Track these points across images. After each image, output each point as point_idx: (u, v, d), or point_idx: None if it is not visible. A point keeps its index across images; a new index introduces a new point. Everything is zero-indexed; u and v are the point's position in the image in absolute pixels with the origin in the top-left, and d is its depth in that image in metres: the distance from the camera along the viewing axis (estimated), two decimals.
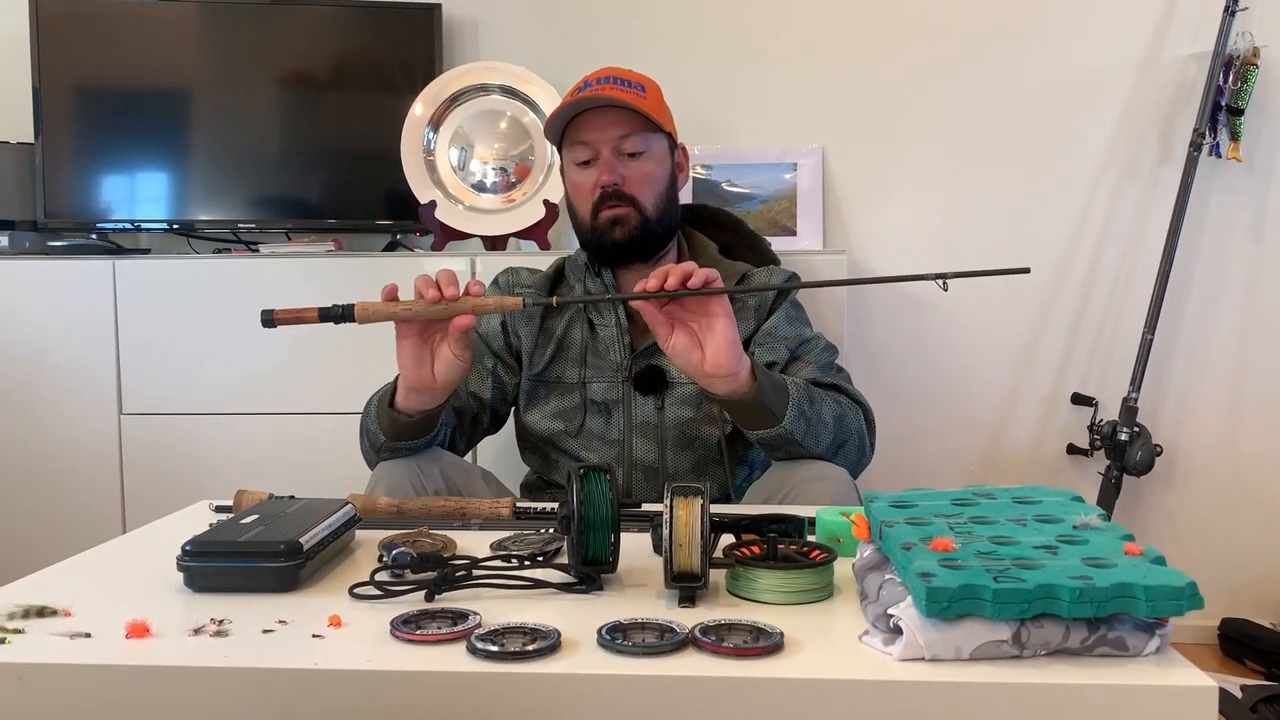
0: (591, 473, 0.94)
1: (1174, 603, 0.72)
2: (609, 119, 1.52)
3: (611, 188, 1.52)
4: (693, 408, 1.53)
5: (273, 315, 1.21)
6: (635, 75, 1.58)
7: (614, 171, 1.52)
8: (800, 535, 1.02)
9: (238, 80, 2.35)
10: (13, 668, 0.76)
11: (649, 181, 1.55)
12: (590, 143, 1.53)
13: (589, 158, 1.54)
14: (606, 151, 1.53)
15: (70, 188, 2.31)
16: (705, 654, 0.76)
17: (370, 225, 2.40)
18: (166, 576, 0.95)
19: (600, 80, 1.55)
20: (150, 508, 1.77)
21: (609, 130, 1.52)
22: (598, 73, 1.57)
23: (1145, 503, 2.45)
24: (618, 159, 1.53)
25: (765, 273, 1.63)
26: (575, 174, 1.57)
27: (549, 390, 1.58)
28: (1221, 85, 2.29)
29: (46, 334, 2.12)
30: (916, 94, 2.44)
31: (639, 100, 1.52)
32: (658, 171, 1.56)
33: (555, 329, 1.59)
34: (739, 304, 1.53)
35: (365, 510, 1.17)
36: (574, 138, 1.55)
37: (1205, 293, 2.41)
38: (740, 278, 1.58)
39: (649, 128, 1.54)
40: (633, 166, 1.54)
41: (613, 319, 1.57)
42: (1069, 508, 0.91)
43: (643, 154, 1.54)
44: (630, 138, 1.53)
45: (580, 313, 1.59)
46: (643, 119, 1.52)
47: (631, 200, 1.53)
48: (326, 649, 0.79)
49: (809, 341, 1.54)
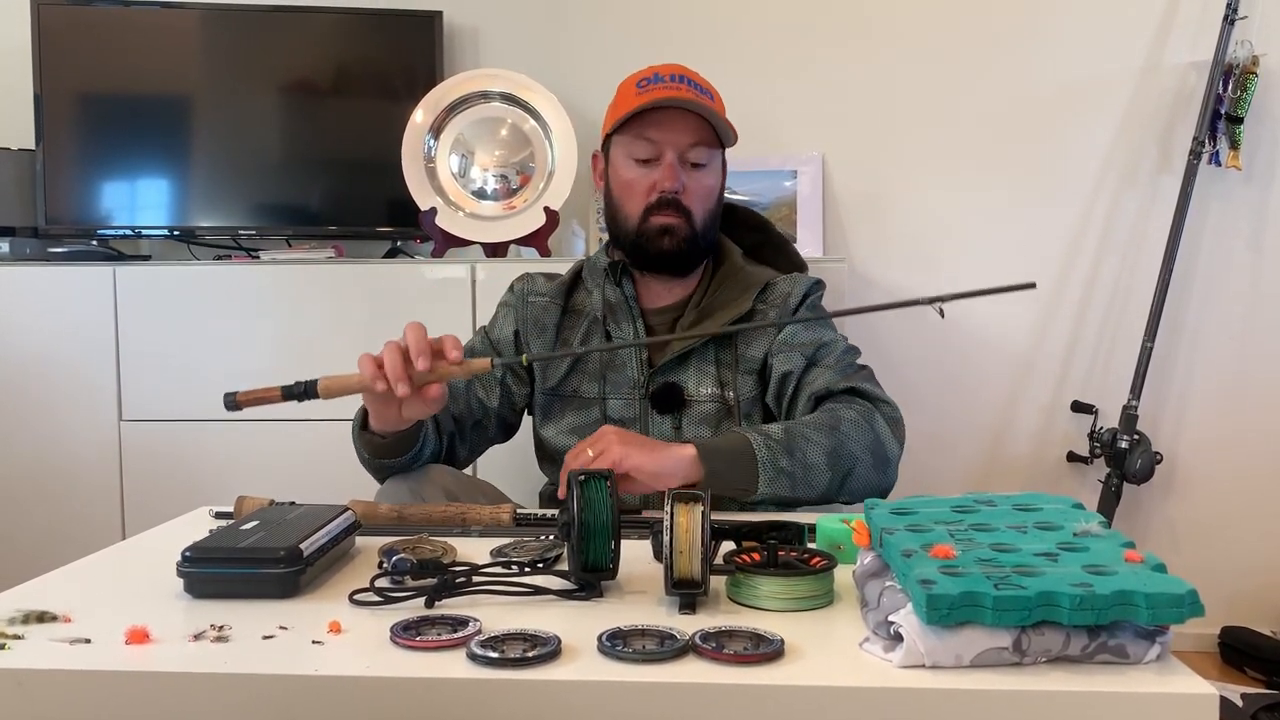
0: (592, 479, 0.94)
1: (1175, 610, 0.72)
2: (681, 122, 1.45)
3: (671, 195, 1.46)
4: (710, 427, 1.47)
5: (235, 398, 1.20)
6: (706, 81, 1.51)
7: (677, 179, 1.45)
8: (800, 542, 1.02)
9: (238, 87, 2.35)
10: (12, 674, 0.76)
11: (707, 196, 1.49)
12: (657, 141, 1.46)
13: (650, 156, 1.47)
14: (672, 155, 1.46)
15: (71, 194, 2.32)
16: (705, 661, 0.76)
17: (371, 232, 2.41)
18: (166, 582, 0.95)
19: (675, 78, 1.47)
20: (150, 514, 1.77)
21: (680, 134, 1.45)
22: (670, 67, 1.49)
23: (1145, 511, 2.45)
24: (682, 166, 1.46)
25: (789, 281, 1.54)
26: (630, 170, 1.49)
27: (565, 404, 1.52)
28: (1221, 94, 2.29)
29: (47, 340, 2.12)
30: (917, 102, 2.44)
31: (715, 109, 1.46)
32: (715, 186, 1.51)
33: (571, 341, 1.54)
34: (758, 318, 1.48)
35: (365, 516, 1.17)
36: (639, 132, 1.47)
37: (1205, 301, 2.41)
38: (764, 286, 1.51)
39: (716, 141, 1.48)
40: (695, 177, 1.47)
41: (631, 332, 1.51)
42: (1070, 515, 0.90)
43: (706, 166, 1.48)
44: (699, 147, 1.47)
45: (598, 324, 1.53)
46: (711, 131, 1.47)
47: (687, 213, 1.47)
48: (326, 655, 0.78)
49: (828, 345, 1.46)
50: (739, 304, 1.48)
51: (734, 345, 1.49)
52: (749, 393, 1.48)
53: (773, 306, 1.50)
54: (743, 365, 1.48)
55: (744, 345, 1.49)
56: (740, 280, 1.52)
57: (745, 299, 1.48)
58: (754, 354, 1.48)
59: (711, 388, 1.48)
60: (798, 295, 1.50)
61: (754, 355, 1.48)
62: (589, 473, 0.95)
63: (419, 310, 2.07)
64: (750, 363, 1.48)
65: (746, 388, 1.47)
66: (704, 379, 1.48)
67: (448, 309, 2.09)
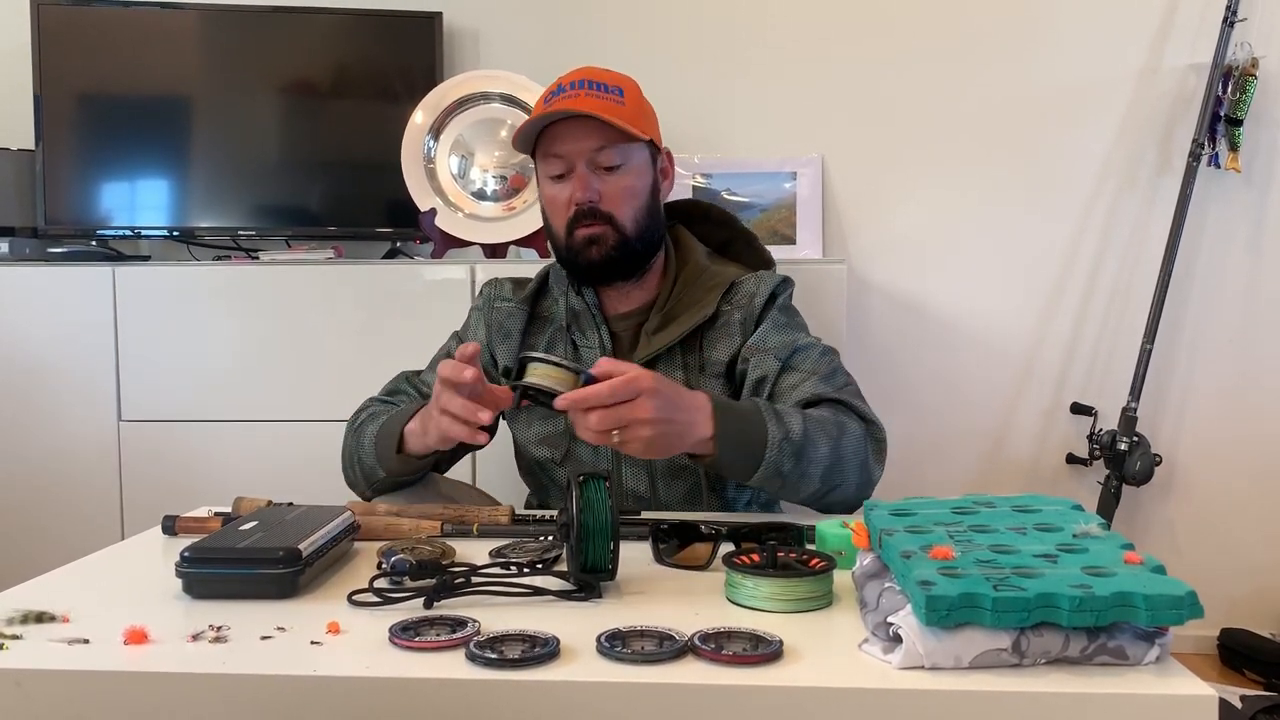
0: (591, 480, 0.94)
1: (1174, 612, 0.72)
2: (584, 129, 1.39)
3: (587, 205, 1.40)
4: None
5: (174, 522, 1.19)
6: (613, 77, 1.45)
7: (589, 188, 1.40)
8: (800, 544, 1.02)
9: (238, 88, 2.35)
10: (11, 674, 0.76)
11: (628, 197, 1.42)
12: (564, 155, 1.41)
13: (563, 171, 1.42)
14: (581, 165, 1.40)
15: (71, 194, 2.32)
16: (704, 662, 0.76)
17: (370, 233, 2.40)
18: (165, 583, 0.95)
19: (575, 85, 1.41)
20: (149, 514, 1.77)
21: (583, 141, 1.39)
22: (572, 74, 1.44)
23: (1144, 512, 2.45)
24: (593, 173, 1.41)
25: (754, 280, 1.47)
26: (549, 188, 1.45)
27: (531, 413, 1.47)
28: (1220, 96, 2.30)
29: (46, 341, 2.12)
30: (916, 103, 2.44)
31: (616, 109, 1.39)
32: (637, 185, 1.43)
33: (537, 348, 1.49)
34: (723, 319, 1.44)
35: (364, 517, 1.16)
36: (546, 149, 1.42)
37: (1204, 302, 2.41)
38: (729, 286, 1.46)
39: (628, 138, 1.40)
40: (610, 181, 1.41)
41: (596, 339, 1.47)
42: (1069, 516, 0.90)
43: (620, 167, 1.41)
44: (606, 150, 1.40)
45: (563, 331, 1.48)
46: (620, 130, 1.39)
47: (609, 218, 1.41)
48: (325, 656, 0.78)
49: (803, 349, 1.40)
50: (703, 306, 1.43)
51: (699, 348, 1.44)
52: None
53: (738, 308, 1.44)
54: (709, 369, 1.43)
55: (709, 348, 1.44)
56: (704, 281, 1.47)
57: (710, 300, 1.44)
58: (719, 357, 1.43)
59: None
60: (763, 295, 1.45)
61: (719, 359, 1.43)
62: (588, 473, 0.95)
63: (418, 311, 2.08)
64: (716, 366, 1.43)
65: (714, 391, 1.41)
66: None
67: (447, 310, 2.08)
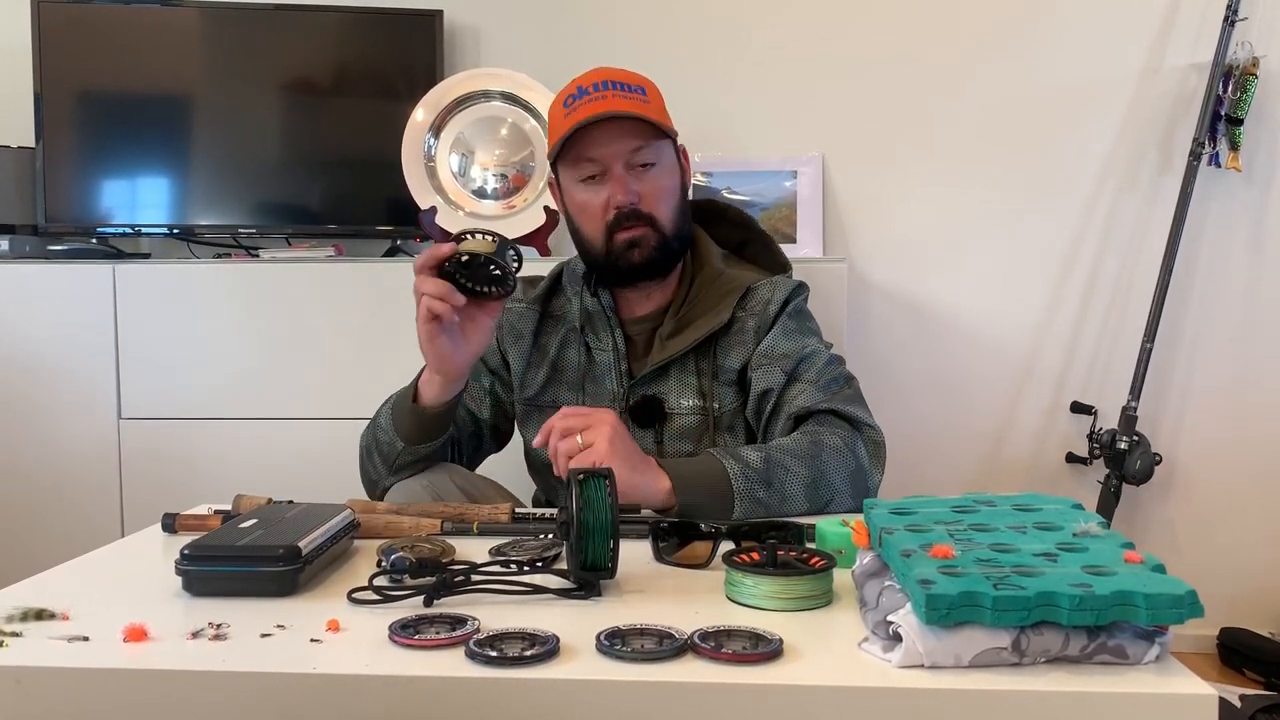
0: (591, 478, 0.94)
1: (1174, 611, 0.72)
2: (617, 130, 1.38)
3: (628, 207, 1.39)
4: (692, 441, 1.43)
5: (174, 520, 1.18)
6: (631, 76, 1.43)
7: (629, 190, 1.39)
8: (800, 542, 1.02)
9: (238, 85, 2.35)
10: (10, 671, 0.76)
11: (665, 195, 1.42)
12: (598, 158, 1.39)
13: (595, 174, 1.40)
14: (618, 167, 1.39)
15: (71, 192, 2.31)
16: (704, 660, 0.76)
17: (371, 231, 2.40)
18: (165, 580, 0.95)
19: (600, 86, 1.39)
20: (149, 512, 1.77)
21: (619, 143, 1.38)
22: (590, 76, 1.42)
23: (1144, 512, 2.45)
24: (630, 174, 1.40)
25: (769, 286, 1.46)
26: (581, 192, 1.42)
27: (543, 415, 1.42)
28: (1221, 95, 2.29)
29: (46, 338, 2.12)
30: (917, 102, 2.44)
31: (645, 107, 1.39)
32: (671, 183, 1.43)
33: (549, 349, 1.50)
34: (737, 326, 1.43)
35: (364, 515, 1.16)
36: (578, 153, 1.40)
37: (1205, 302, 2.41)
38: (745, 292, 1.45)
39: (659, 135, 1.40)
40: (646, 180, 1.40)
41: (610, 343, 1.46)
42: (1069, 515, 0.90)
43: (655, 165, 1.41)
44: (643, 149, 1.39)
45: (576, 333, 1.48)
46: (652, 126, 1.39)
47: (650, 220, 1.40)
48: (325, 654, 0.78)
49: (810, 357, 1.39)
50: (718, 312, 1.43)
51: (713, 355, 1.44)
52: (730, 404, 1.43)
53: (752, 314, 1.44)
54: (721, 376, 1.43)
55: (722, 355, 1.43)
56: (719, 286, 1.47)
57: (724, 307, 1.43)
58: (732, 364, 1.43)
59: (693, 399, 1.43)
60: (778, 301, 1.44)
61: (732, 366, 1.43)
62: (588, 472, 0.95)
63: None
64: (729, 374, 1.43)
65: (727, 399, 1.43)
66: (685, 390, 1.44)
67: None
